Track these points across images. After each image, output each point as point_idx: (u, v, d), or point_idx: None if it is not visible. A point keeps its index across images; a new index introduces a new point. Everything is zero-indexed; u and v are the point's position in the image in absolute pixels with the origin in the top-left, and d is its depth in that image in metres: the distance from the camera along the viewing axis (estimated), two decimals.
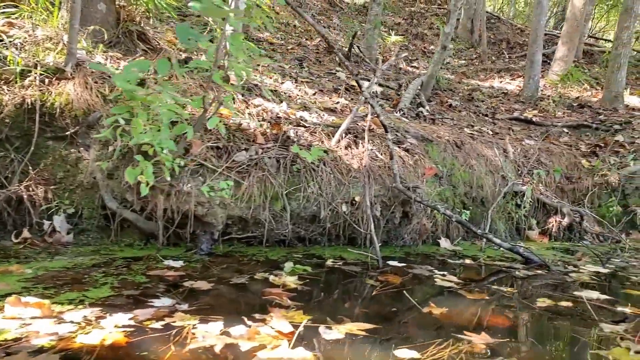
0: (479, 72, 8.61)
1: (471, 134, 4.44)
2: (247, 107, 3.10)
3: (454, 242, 3.55)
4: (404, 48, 9.16)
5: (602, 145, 5.06)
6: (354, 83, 5.16)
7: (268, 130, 2.88)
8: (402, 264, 2.85)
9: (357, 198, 3.02)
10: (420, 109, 4.99)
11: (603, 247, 4.02)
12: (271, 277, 2.32)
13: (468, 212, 3.74)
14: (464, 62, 9.32)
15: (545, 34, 11.72)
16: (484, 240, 3.41)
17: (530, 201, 4.11)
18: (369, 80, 5.43)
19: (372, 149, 3.18)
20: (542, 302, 2.36)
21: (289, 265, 2.49)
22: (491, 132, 4.77)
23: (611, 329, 2.07)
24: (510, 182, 4.08)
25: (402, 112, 4.30)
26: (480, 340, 1.84)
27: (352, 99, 4.49)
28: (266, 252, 2.79)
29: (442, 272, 2.74)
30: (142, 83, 2.54)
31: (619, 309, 2.37)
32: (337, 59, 5.48)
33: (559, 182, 4.56)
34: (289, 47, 5.63)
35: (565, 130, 5.32)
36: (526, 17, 16.19)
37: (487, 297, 2.39)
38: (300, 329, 1.73)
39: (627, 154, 4.90)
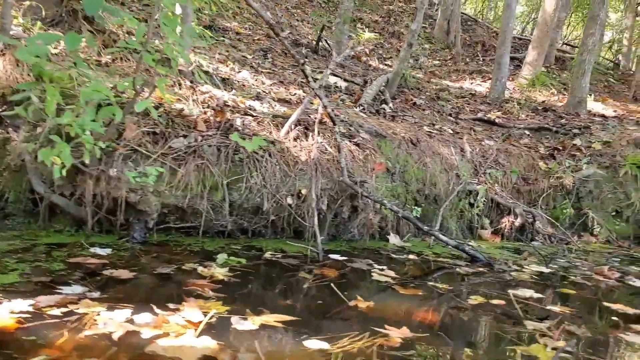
0: (452, 72, 8.66)
1: (430, 132, 4.44)
2: (193, 94, 3.03)
3: (404, 239, 3.54)
4: (379, 46, 9.17)
5: (560, 148, 5.12)
6: (318, 76, 5.12)
7: (212, 118, 2.82)
8: (343, 258, 2.83)
9: (303, 191, 2.98)
10: (384, 105, 4.98)
11: (553, 248, 4.07)
12: (200, 269, 2.27)
13: (420, 209, 3.73)
14: (438, 62, 9.36)
15: (520, 39, 11.87)
16: (432, 237, 3.40)
17: (484, 201, 4.12)
18: (335, 75, 5.40)
19: (322, 142, 3.15)
20: (474, 300, 2.36)
21: (222, 257, 2.43)
22: (451, 132, 4.78)
23: (535, 326, 2.07)
24: (465, 181, 4.09)
25: (362, 108, 4.28)
26: (398, 334, 1.82)
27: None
28: (204, 242, 2.73)
29: (381, 267, 2.72)
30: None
31: (549, 307, 2.38)
32: (304, 51, 5.43)
33: (516, 183, 4.60)
34: (255, 38, 5.56)
35: (527, 132, 5.37)
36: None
37: (420, 293, 2.38)
38: (207, 318, 1.68)
39: (582, 158, 4.97)
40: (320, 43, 5.81)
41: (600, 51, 14.19)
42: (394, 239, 3.43)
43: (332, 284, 2.27)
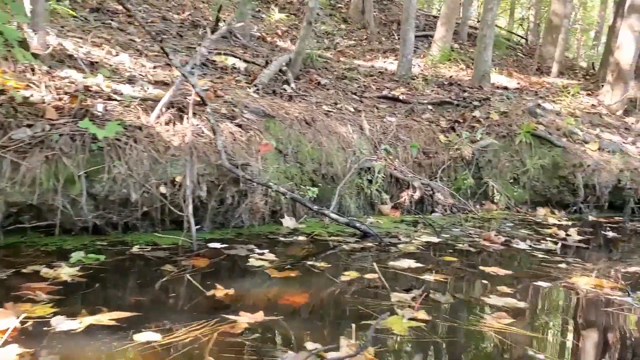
0: (366, 52, 8.66)
1: (328, 111, 4.37)
2: (51, 79, 2.76)
3: (300, 220, 3.46)
4: (293, 27, 8.99)
5: (461, 121, 5.24)
6: (215, 58, 4.91)
7: (67, 105, 2.57)
8: (224, 246, 2.69)
9: (178, 178, 2.80)
10: (285, 86, 4.85)
11: (452, 218, 4.15)
12: (44, 270, 2.05)
13: (316, 189, 3.66)
14: (353, 42, 9.33)
15: (435, 17, 12.09)
16: (327, 217, 3.35)
17: (383, 176, 4.13)
18: (235, 57, 5.19)
19: (198, 125, 2.97)
20: (348, 276, 2.31)
21: (76, 255, 2.23)
22: (353, 110, 4.75)
23: (400, 297, 2.05)
24: (363, 158, 4.07)
25: (256, 88, 4.13)
26: (248, 320, 1.72)
27: (204, 74, 4.24)
28: (65, 241, 2.50)
29: (262, 252, 2.62)
30: None
31: (424, 277, 2.38)
32: (200, 33, 5.18)
33: (416, 157, 4.65)
34: (149, 20, 5.24)
35: (429, 107, 5.45)
36: (425, 1, 16.70)
37: (293, 275, 2.30)
38: (14, 324, 1.50)
39: (480, 129, 5.11)
40: (220, 24, 5.58)
41: (512, 27, 14.84)
42: (288, 222, 3.34)
43: (187, 276, 2.13)
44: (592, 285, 2.38)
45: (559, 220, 4.50)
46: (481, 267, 2.63)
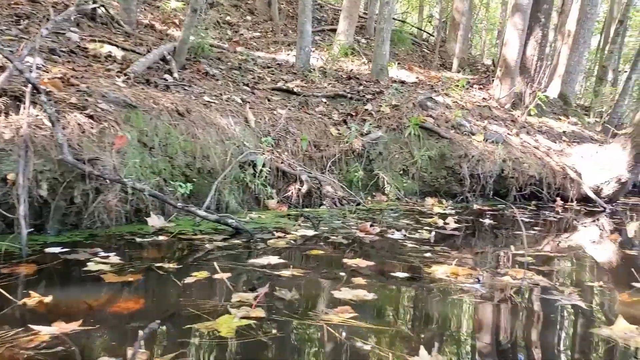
0: (271, 44, 8.50)
1: (209, 102, 4.15)
2: None
3: (170, 219, 3.22)
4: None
5: (353, 114, 5.24)
6: (88, 45, 4.49)
7: None
8: (64, 250, 2.41)
9: (10, 176, 2.46)
10: (166, 75, 4.55)
11: (341, 211, 4.11)
12: None
13: (190, 185, 3.44)
14: (258, 34, 9.13)
15: (340, 10, 12.17)
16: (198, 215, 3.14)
17: (269, 170, 3.99)
18: (112, 44, 4.79)
19: (37, 116, 2.64)
20: (195, 277, 2.13)
21: None
22: (241, 102, 4.56)
23: (241, 297, 1.91)
24: (246, 151, 3.90)
25: (126, 77, 3.81)
26: (55, 331, 1.50)
27: (69, 61, 3.85)
28: None
29: (107, 255, 2.37)
30: None
31: (283, 272, 2.26)
32: (73, 19, 4.73)
33: (307, 150, 4.56)
34: (12, 3, 4.70)
35: (324, 100, 5.40)
36: None
37: (132, 279, 2.08)
38: None
39: (372, 122, 5.13)
40: (100, 9, 5.13)
41: (420, 24, 15.34)
42: (154, 221, 3.09)
43: None
44: (448, 274, 2.39)
45: (443, 210, 4.62)
46: (345, 260, 2.56)
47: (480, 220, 4.22)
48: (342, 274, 2.34)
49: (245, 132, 4.09)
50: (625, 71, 10.44)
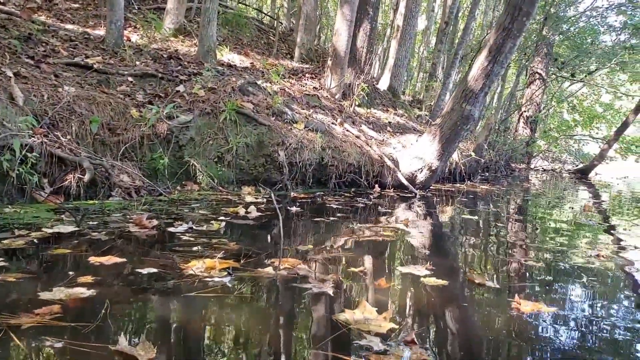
0: (90, 18, 7.57)
1: None
2: None
3: None
4: None
5: (162, 95, 4.80)
6: None
7: None
8: None
9: None
10: None
11: (128, 202, 3.68)
12: None
13: None
14: (77, 5, 8.09)
15: None
16: None
17: (38, 155, 3.39)
18: None
19: None
20: None
21: None
22: (12, 75, 3.83)
23: None
24: (4, 133, 3.25)
25: None
26: None
27: None
28: None
29: None
30: None
31: None
32: None
33: (98, 133, 4.03)
34: None
35: (130, 79, 4.86)
36: None
37: None
38: None
39: (183, 105, 4.76)
40: None
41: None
42: None
43: None
44: (203, 269, 2.16)
45: (255, 198, 4.45)
46: (91, 258, 2.19)
47: (288, 208, 4.13)
48: (72, 272, 1.97)
49: (7, 110, 3.42)
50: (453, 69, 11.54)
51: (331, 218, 3.79)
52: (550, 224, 4.46)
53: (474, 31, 16.94)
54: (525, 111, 16.12)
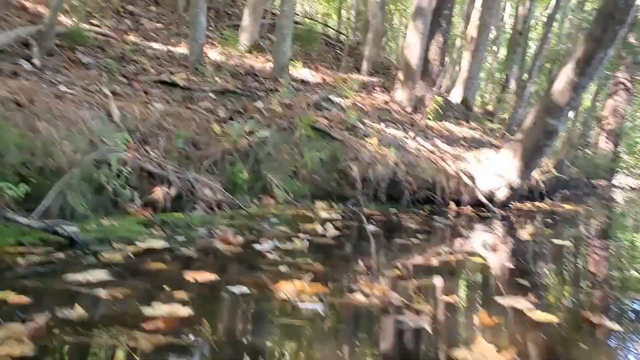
0: (172, 36, 7.99)
1: (64, 92, 3.66)
2: None
3: None
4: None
5: (242, 111, 4.93)
6: None
7: None
8: None
9: None
10: (21, 60, 3.99)
11: (216, 216, 3.77)
12: None
13: (25, 186, 2.95)
14: (160, 25, 8.57)
15: None
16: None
17: (130, 170, 3.56)
18: None
19: None
20: None
21: None
22: (110, 94, 4.09)
23: (9, 328, 1.54)
24: (103, 148, 3.45)
25: None
26: None
27: None
28: None
29: None
30: None
31: (96, 292, 1.90)
32: None
33: (183, 148, 4.18)
34: None
35: (211, 95, 5.05)
36: None
37: None
38: None
39: (261, 120, 4.86)
40: None
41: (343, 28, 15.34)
42: None
43: None
44: (294, 293, 2.14)
45: (329, 214, 4.43)
46: (186, 275, 2.25)
47: (365, 226, 4.06)
48: (168, 289, 2.03)
49: (106, 127, 3.64)
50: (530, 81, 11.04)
51: (412, 239, 3.68)
52: None
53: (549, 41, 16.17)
54: (607, 124, 15.11)
